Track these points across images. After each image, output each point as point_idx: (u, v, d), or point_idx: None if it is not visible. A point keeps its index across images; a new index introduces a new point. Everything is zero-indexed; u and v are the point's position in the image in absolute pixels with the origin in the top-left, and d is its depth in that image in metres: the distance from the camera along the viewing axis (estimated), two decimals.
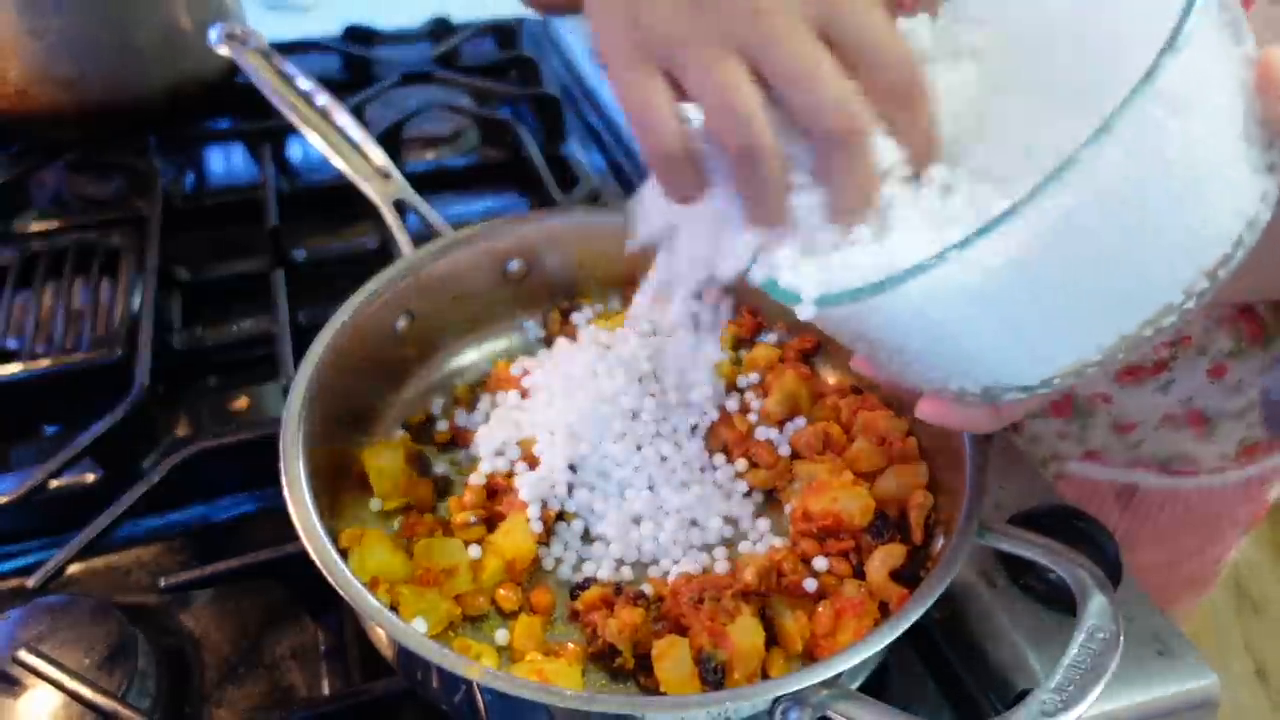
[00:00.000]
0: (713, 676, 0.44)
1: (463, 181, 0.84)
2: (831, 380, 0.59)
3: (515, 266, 0.62)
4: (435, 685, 0.43)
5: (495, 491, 0.52)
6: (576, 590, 0.49)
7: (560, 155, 0.85)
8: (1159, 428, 0.71)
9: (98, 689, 0.43)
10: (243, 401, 0.66)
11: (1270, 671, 1.61)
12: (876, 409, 0.54)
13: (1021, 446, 0.57)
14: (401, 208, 0.62)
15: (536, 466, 0.52)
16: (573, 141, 0.91)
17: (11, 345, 0.65)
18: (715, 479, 0.53)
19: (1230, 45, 0.33)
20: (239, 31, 0.71)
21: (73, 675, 0.44)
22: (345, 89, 0.84)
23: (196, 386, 0.66)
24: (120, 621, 0.47)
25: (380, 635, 0.44)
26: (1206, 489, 0.76)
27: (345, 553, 0.47)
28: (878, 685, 0.48)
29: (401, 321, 0.58)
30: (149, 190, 0.78)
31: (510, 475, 0.53)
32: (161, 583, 0.48)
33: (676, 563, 0.50)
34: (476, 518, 0.51)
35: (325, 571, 0.41)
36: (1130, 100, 0.30)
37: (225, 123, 0.92)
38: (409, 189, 0.64)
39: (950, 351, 0.36)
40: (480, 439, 0.55)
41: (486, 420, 0.56)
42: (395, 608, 0.46)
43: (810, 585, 0.47)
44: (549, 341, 0.61)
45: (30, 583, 0.50)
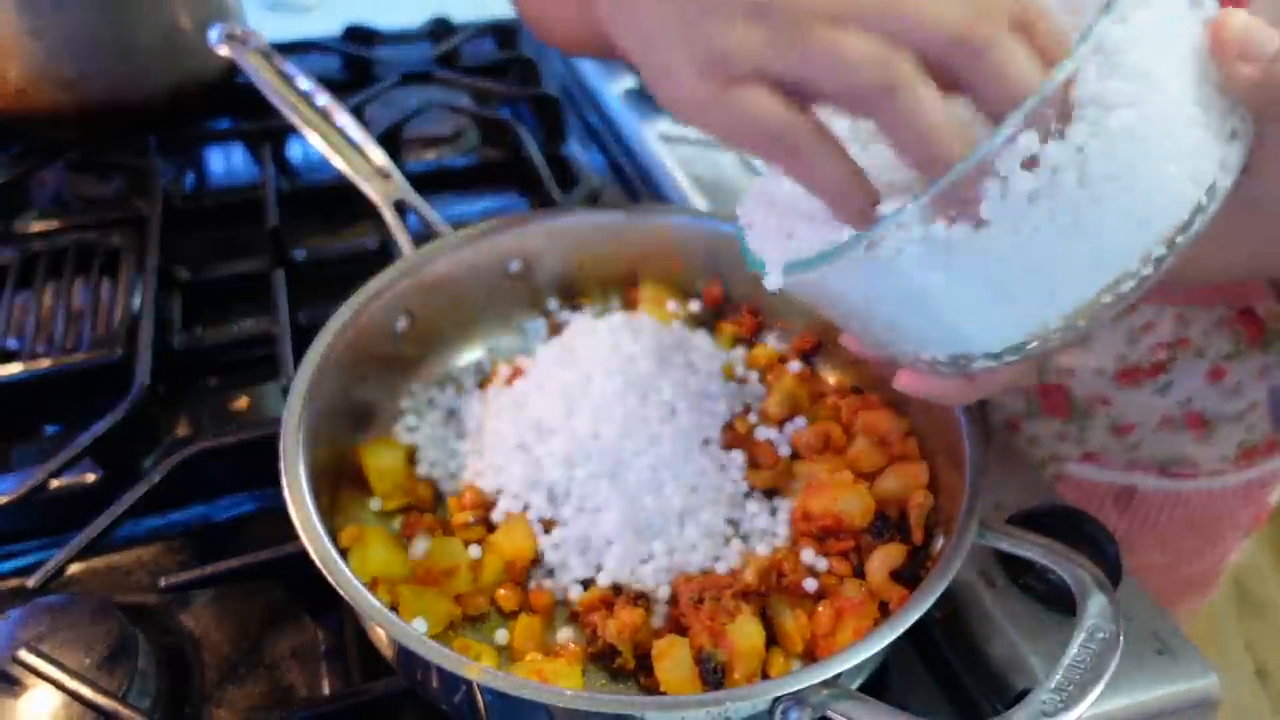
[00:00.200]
0: (713, 676, 0.44)
1: (463, 181, 0.84)
2: (831, 380, 0.59)
3: (515, 266, 0.62)
4: (435, 685, 0.43)
5: (495, 492, 0.52)
6: (577, 590, 0.49)
7: (560, 155, 0.85)
8: (1158, 430, 0.71)
9: (98, 689, 0.43)
10: (243, 401, 0.66)
11: (1271, 672, 1.61)
12: (876, 409, 0.53)
13: (1019, 447, 0.57)
14: (401, 208, 0.62)
15: (536, 466, 0.52)
16: (573, 141, 0.91)
17: (11, 345, 0.65)
18: (715, 479, 0.53)
19: (1186, 8, 0.33)
20: (239, 31, 0.71)
21: (73, 675, 0.44)
22: (345, 89, 0.85)
23: (196, 386, 0.66)
24: (120, 621, 0.47)
25: (380, 635, 0.44)
26: (1206, 491, 0.76)
27: (345, 553, 0.47)
28: (878, 685, 0.48)
29: (401, 321, 0.58)
30: (149, 190, 0.78)
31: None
32: (161, 583, 0.48)
33: (671, 561, 0.50)
34: (476, 517, 0.51)
35: (325, 571, 0.41)
36: (1065, 67, 0.30)
37: (225, 123, 0.92)
38: (409, 189, 0.64)
39: (914, 320, 0.36)
40: (480, 439, 0.55)
41: (486, 420, 0.56)
42: (395, 608, 0.46)
43: (810, 585, 0.47)
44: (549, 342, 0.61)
45: (30, 583, 0.50)
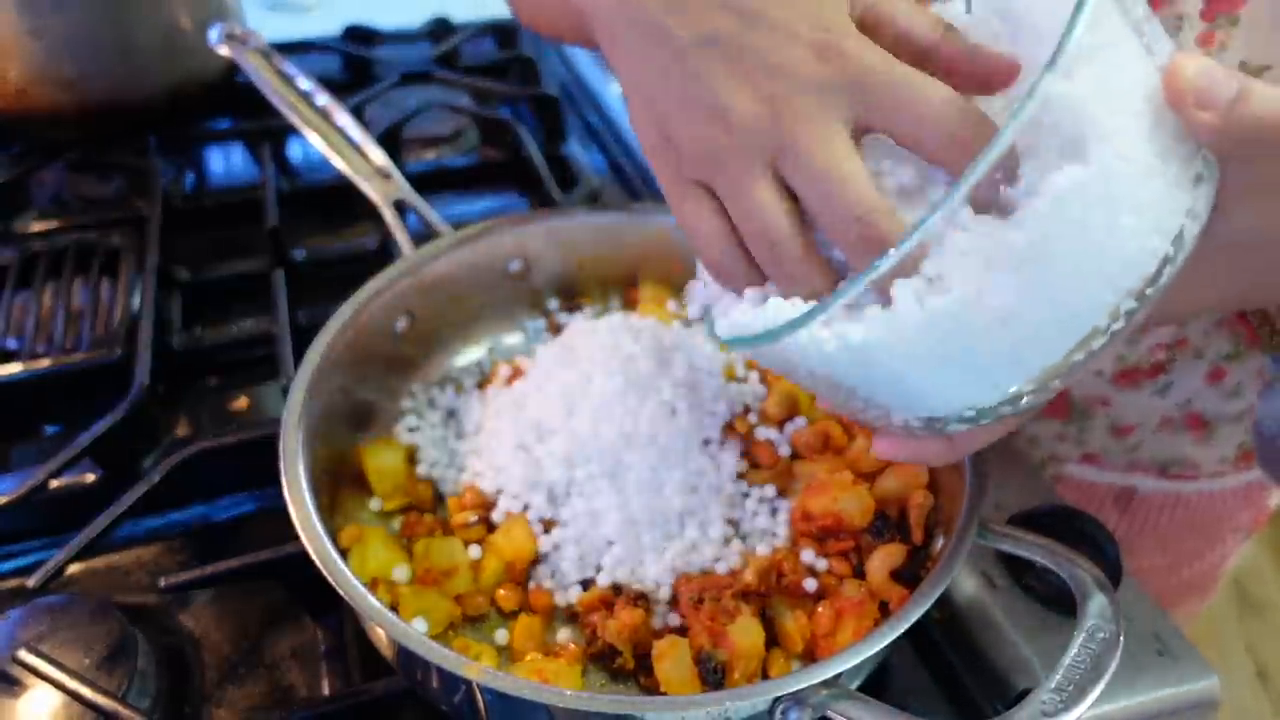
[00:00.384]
0: (713, 676, 0.44)
1: (463, 181, 0.84)
2: None
3: (515, 266, 0.62)
4: (435, 685, 0.43)
5: (495, 492, 0.52)
6: (576, 590, 0.49)
7: (560, 155, 0.85)
8: (1157, 431, 0.71)
9: (97, 689, 0.43)
10: (243, 401, 0.66)
11: (1271, 673, 1.61)
12: None
13: (1019, 448, 0.57)
14: (401, 208, 0.63)
15: (536, 466, 0.52)
16: (573, 141, 0.91)
17: (11, 345, 0.65)
18: (715, 479, 0.53)
19: (1137, 57, 0.32)
20: (239, 31, 0.71)
21: (73, 675, 0.44)
22: (345, 89, 0.85)
23: (196, 386, 0.66)
24: (120, 621, 0.47)
25: (380, 635, 0.44)
26: (1206, 493, 0.76)
27: (345, 553, 0.47)
28: (878, 685, 0.48)
29: (401, 321, 0.58)
30: (149, 190, 0.78)
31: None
32: (161, 583, 0.48)
33: (671, 561, 0.50)
34: (476, 517, 0.51)
35: (325, 571, 0.41)
36: (1007, 129, 0.29)
37: (225, 123, 0.92)
38: (409, 189, 0.64)
39: (881, 387, 0.35)
40: (480, 439, 0.55)
41: (486, 420, 0.56)
42: (395, 608, 0.46)
43: (810, 585, 0.47)
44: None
45: (30, 583, 0.50)
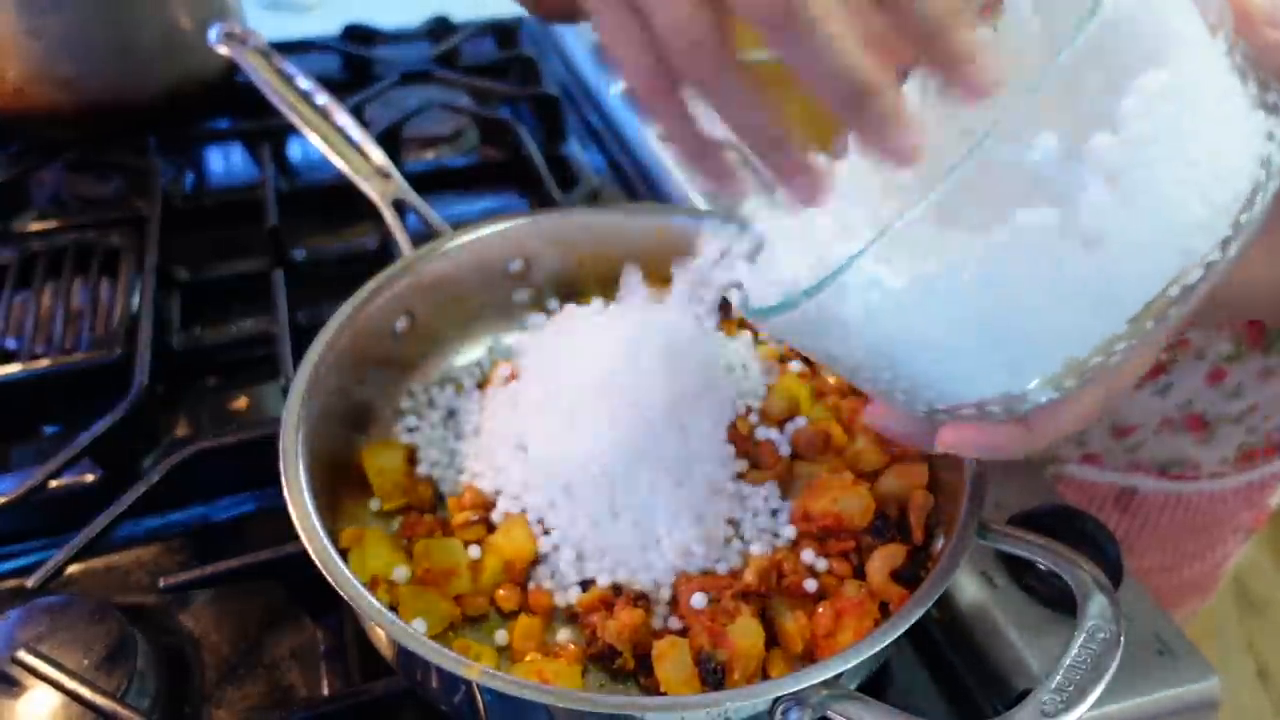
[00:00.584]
0: (713, 677, 0.44)
1: (463, 181, 0.84)
2: (831, 380, 0.59)
3: (515, 266, 0.62)
4: (435, 685, 0.43)
5: (495, 492, 0.52)
6: (576, 590, 0.49)
7: (560, 155, 0.85)
8: (1158, 431, 0.71)
9: (97, 689, 0.43)
10: (243, 401, 0.66)
11: (1272, 672, 1.61)
12: None
13: None
14: (401, 207, 0.62)
15: (535, 467, 0.52)
16: (573, 141, 0.91)
17: (11, 345, 0.65)
18: (716, 479, 0.53)
19: None
20: (239, 31, 0.71)
21: (72, 675, 0.44)
22: (345, 89, 0.84)
23: (196, 386, 0.66)
24: (120, 621, 0.47)
25: (380, 635, 0.44)
26: (1207, 493, 0.76)
27: (345, 553, 0.47)
28: (878, 685, 0.48)
29: (401, 321, 0.58)
30: (148, 190, 0.78)
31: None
32: (161, 583, 0.48)
33: (671, 561, 0.50)
34: (476, 517, 0.51)
35: (325, 571, 0.41)
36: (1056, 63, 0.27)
37: (225, 123, 0.92)
38: (409, 189, 0.64)
39: (946, 348, 0.32)
40: (480, 439, 0.55)
41: (486, 420, 0.56)
42: (395, 608, 0.46)
43: (810, 585, 0.47)
44: None
45: (30, 583, 0.50)
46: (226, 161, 0.90)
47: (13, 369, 0.63)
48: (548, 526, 0.51)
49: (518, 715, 0.42)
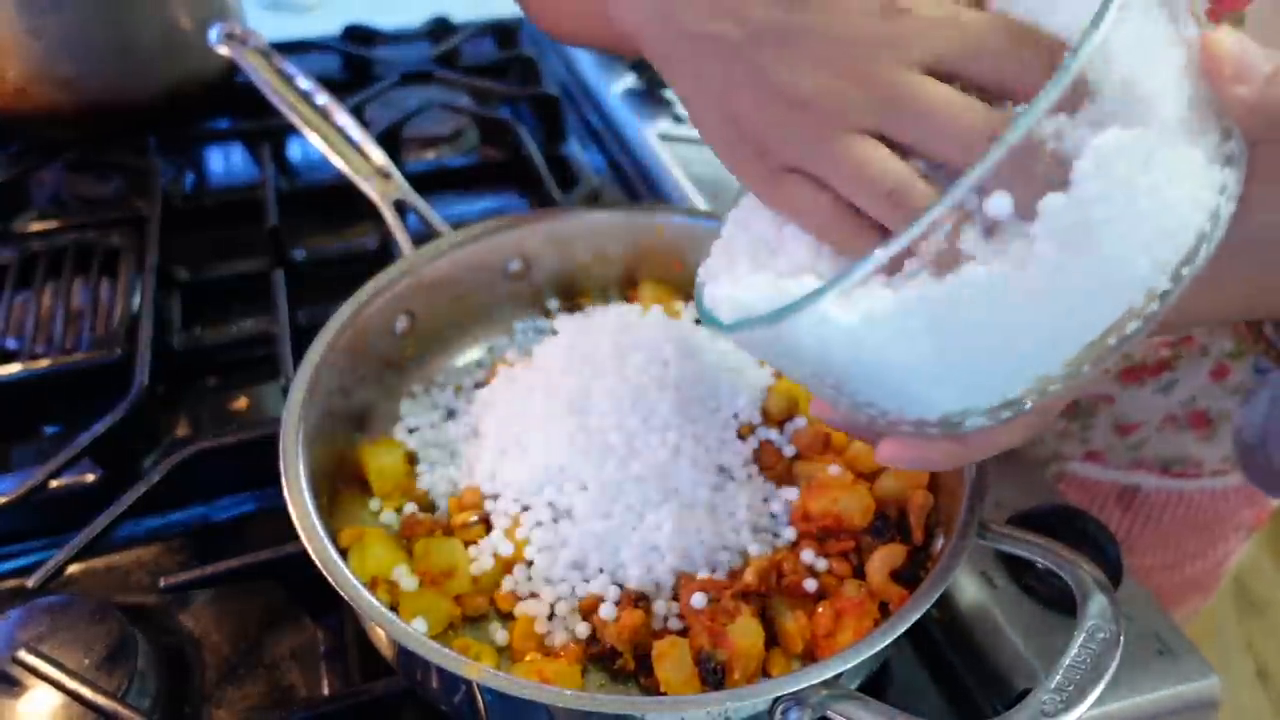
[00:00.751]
0: (713, 677, 0.43)
1: (463, 181, 0.84)
2: None
3: (515, 266, 0.62)
4: (435, 685, 0.43)
5: (495, 493, 0.52)
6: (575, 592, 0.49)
7: (560, 155, 0.85)
8: (1161, 429, 0.71)
9: (97, 689, 0.43)
10: (243, 401, 0.66)
11: (1272, 672, 1.61)
12: None
13: (1020, 447, 0.57)
14: (401, 208, 0.62)
15: (536, 467, 0.52)
16: (573, 141, 0.91)
17: (11, 345, 0.65)
18: (717, 479, 0.53)
19: (1170, 28, 0.31)
20: (239, 31, 0.71)
21: (72, 675, 0.44)
22: (345, 89, 0.84)
23: (196, 386, 0.66)
24: (120, 621, 0.47)
25: (380, 635, 0.44)
26: (1209, 492, 0.76)
27: (345, 553, 0.47)
28: (878, 685, 0.48)
29: (401, 321, 0.58)
30: (149, 190, 0.78)
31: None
32: (161, 583, 0.48)
33: (671, 561, 0.50)
34: (476, 517, 0.51)
35: (325, 571, 0.41)
36: (1031, 110, 0.28)
37: (225, 123, 0.92)
38: (409, 189, 0.64)
39: (891, 377, 0.33)
40: (480, 439, 0.55)
41: (486, 420, 0.56)
42: (395, 608, 0.46)
43: (810, 585, 0.47)
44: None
45: (30, 583, 0.50)
46: (226, 161, 0.90)
47: (13, 369, 0.63)
48: (547, 527, 0.51)
49: (518, 715, 0.42)
